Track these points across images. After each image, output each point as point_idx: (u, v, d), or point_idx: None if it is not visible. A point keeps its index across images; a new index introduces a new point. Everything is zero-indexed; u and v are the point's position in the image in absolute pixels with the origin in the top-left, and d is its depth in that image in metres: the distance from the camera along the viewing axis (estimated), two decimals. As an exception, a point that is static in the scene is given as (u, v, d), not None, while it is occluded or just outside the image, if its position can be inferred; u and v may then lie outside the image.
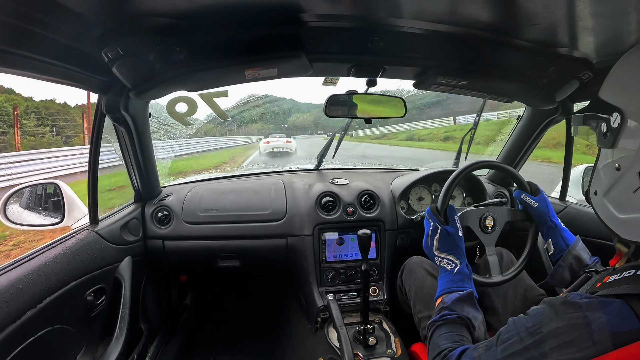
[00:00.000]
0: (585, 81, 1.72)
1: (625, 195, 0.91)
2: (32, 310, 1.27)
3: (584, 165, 2.91)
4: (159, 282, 2.56)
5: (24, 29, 1.06)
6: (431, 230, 1.59)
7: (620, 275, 0.89)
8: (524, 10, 1.25)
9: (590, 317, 0.81)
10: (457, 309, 1.32)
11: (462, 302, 1.35)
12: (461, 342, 1.22)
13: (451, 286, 1.42)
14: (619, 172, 0.93)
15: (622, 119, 0.92)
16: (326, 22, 1.41)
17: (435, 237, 1.56)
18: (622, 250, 1.05)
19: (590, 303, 0.83)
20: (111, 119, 1.78)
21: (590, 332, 0.80)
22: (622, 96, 0.96)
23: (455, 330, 1.28)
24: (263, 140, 21.48)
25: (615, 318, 0.79)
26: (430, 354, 1.28)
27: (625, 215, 0.92)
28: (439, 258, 1.53)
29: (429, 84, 1.81)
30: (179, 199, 2.39)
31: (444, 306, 1.36)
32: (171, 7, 1.21)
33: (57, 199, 1.96)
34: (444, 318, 1.31)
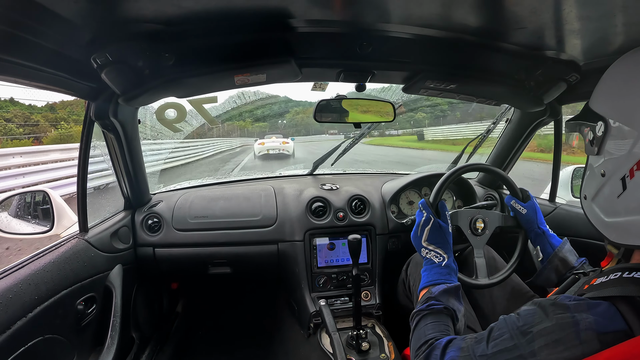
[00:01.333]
0: (573, 83, 1.74)
1: (611, 200, 0.94)
2: (22, 320, 1.25)
3: (573, 166, 2.93)
4: (150, 290, 2.55)
5: (11, 35, 1.06)
6: (423, 220, 1.58)
7: (607, 278, 0.90)
8: (511, 14, 1.26)
9: (578, 318, 0.82)
10: (443, 299, 1.33)
11: (448, 294, 1.36)
12: (447, 333, 1.24)
13: (439, 278, 1.43)
14: (604, 178, 0.96)
15: (606, 128, 0.95)
16: (315, 28, 1.41)
17: (427, 227, 1.56)
18: (612, 252, 1.07)
19: (578, 304, 0.84)
20: (100, 125, 1.76)
21: (577, 331, 0.81)
22: (606, 105, 0.99)
23: (441, 320, 1.28)
24: (258, 141, 20.55)
25: (601, 319, 0.81)
26: (414, 343, 1.28)
27: (612, 219, 0.95)
28: (426, 250, 1.53)
29: (417, 88, 1.81)
30: (169, 206, 2.38)
31: (430, 296, 1.36)
32: (160, 13, 1.21)
33: (46, 207, 1.95)
34: (430, 307, 1.32)
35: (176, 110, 1.85)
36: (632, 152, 0.87)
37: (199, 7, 1.19)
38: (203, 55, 1.46)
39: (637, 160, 0.85)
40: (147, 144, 1.80)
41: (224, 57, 1.46)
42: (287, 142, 19.65)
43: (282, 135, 21.16)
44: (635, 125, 0.88)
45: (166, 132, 2.77)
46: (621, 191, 0.90)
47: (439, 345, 1.13)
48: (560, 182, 2.47)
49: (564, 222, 2.25)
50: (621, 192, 0.90)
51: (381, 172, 3.25)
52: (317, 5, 1.26)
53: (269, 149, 19.38)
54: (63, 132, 22.11)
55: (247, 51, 1.46)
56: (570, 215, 2.26)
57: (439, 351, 1.11)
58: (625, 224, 0.91)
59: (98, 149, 1.94)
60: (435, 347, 1.14)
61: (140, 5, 1.15)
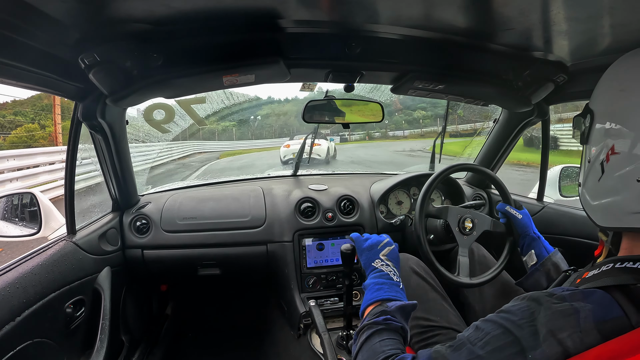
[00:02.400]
0: (560, 84, 1.76)
1: (594, 184, 1.00)
2: (10, 324, 1.24)
3: (561, 166, 2.95)
4: (139, 292, 2.53)
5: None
6: (387, 241, 1.52)
7: (599, 270, 0.91)
8: (499, 15, 1.27)
9: (577, 306, 0.82)
10: (399, 319, 1.21)
11: (404, 312, 1.23)
12: (402, 353, 1.07)
13: (394, 296, 1.30)
14: (590, 164, 1.03)
15: (591, 118, 1.03)
16: (304, 28, 1.41)
17: (389, 247, 1.49)
18: (603, 239, 1.11)
19: (574, 294, 0.84)
20: (88, 126, 1.75)
21: (578, 319, 0.80)
22: (593, 98, 1.06)
23: (397, 338, 1.15)
24: (285, 143, 17.43)
25: (598, 307, 0.81)
26: (365, 356, 1.13)
27: (596, 202, 1.02)
28: (382, 262, 1.43)
29: (406, 88, 1.82)
30: (157, 208, 2.37)
31: (386, 310, 1.22)
32: (148, 13, 1.20)
33: (34, 209, 1.93)
34: (388, 322, 1.17)
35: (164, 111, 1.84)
36: (609, 138, 0.94)
37: (188, 7, 1.19)
38: (191, 56, 1.45)
39: (611, 146, 0.92)
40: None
41: (213, 57, 1.46)
42: (318, 144, 15.59)
43: (315, 135, 18.33)
44: (608, 114, 0.98)
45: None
46: (600, 175, 0.96)
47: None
48: (548, 182, 2.48)
49: (551, 221, 2.27)
50: (601, 176, 0.96)
51: (370, 173, 3.26)
52: (305, 6, 1.26)
53: (295, 153, 16.25)
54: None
55: (235, 51, 1.45)
56: (558, 214, 2.28)
57: None
58: (605, 205, 0.97)
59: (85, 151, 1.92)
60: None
61: (128, 5, 1.14)
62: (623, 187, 0.90)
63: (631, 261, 0.86)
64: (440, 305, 1.75)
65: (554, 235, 2.21)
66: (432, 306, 1.73)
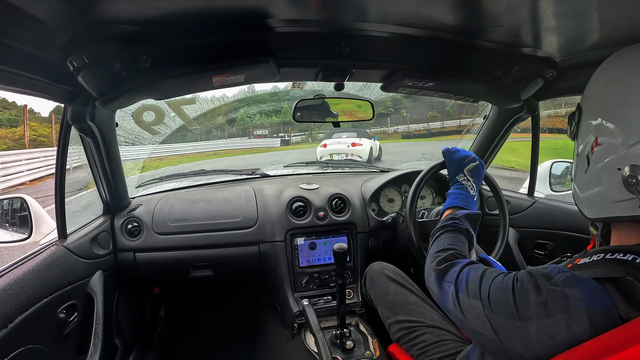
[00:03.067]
0: (550, 79, 1.77)
1: (581, 176, 1.03)
2: (2, 331, 1.22)
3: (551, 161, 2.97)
4: (131, 295, 2.52)
5: None
6: (473, 156, 1.69)
7: (590, 259, 0.93)
8: (488, 12, 1.27)
9: (568, 292, 0.83)
10: (466, 223, 1.44)
11: (470, 220, 1.47)
12: (464, 250, 1.33)
13: (467, 204, 1.56)
14: (578, 158, 1.06)
15: (579, 114, 1.06)
16: (292, 28, 1.41)
17: (474, 163, 1.68)
18: (593, 233, 1.13)
19: (567, 278, 0.86)
20: (77, 129, 1.74)
21: (567, 305, 0.82)
22: (583, 96, 1.08)
23: (461, 240, 1.38)
24: (323, 142, 15.56)
25: (590, 295, 0.82)
26: (433, 248, 1.37)
27: (584, 193, 1.04)
28: (465, 177, 1.64)
29: (396, 86, 1.82)
30: (148, 210, 2.36)
31: (455, 217, 1.47)
32: (136, 15, 1.20)
33: (24, 213, 1.91)
34: (455, 225, 1.43)
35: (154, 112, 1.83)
36: (592, 131, 0.98)
37: (176, 7, 1.19)
38: (180, 57, 1.45)
39: (594, 138, 0.96)
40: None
41: (202, 58, 1.46)
42: (358, 144, 14.95)
43: (357, 133, 15.84)
44: (592, 109, 1.01)
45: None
46: (587, 167, 0.99)
47: (459, 263, 1.19)
48: (539, 177, 2.50)
49: (542, 215, 2.28)
50: (587, 168, 0.99)
51: (360, 171, 3.27)
52: (294, 5, 1.26)
53: (332, 154, 14.52)
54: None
55: (224, 52, 1.45)
56: (548, 209, 2.30)
57: (458, 267, 1.16)
58: (592, 196, 1.00)
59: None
60: (456, 264, 1.19)
61: (116, 7, 1.14)
62: (606, 177, 0.92)
63: (621, 252, 0.87)
64: (422, 307, 1.78)
65: (545, 229, 2.22)
66: (414, 309, 1.77)
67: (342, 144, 14.71)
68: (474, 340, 1.12)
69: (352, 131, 15.98)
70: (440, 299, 1.20)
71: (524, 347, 0.87)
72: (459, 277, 1.12)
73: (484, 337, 0.99)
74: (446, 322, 1.71)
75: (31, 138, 20.29)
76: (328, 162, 8.41)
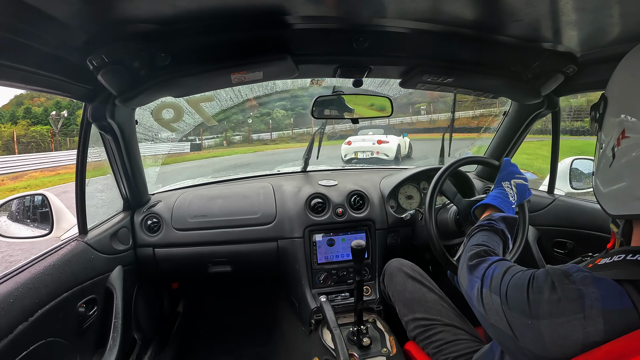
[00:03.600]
0: (570, 75, 1.74)
1: (605, 170, 0.99)
2: (23, 324, 1.25)
3: (571, 158, 2.92)
4: (150, 290, 2.54)
5: (6, 39, 1.05)
6: (525, 177, 1.73)
7: (610, 259, 0.91)
8: (507, 6, 1.25)
9: (584, 291, 0.82)
10: (501, 225, 1.46)
11: (506, 222, 1.49)
12: (497, 249, 1.36)
13: (502, 207, 1.58)
14: (602, 151, 1.02)
15: (605, 104, 1.02)
16: (311, 24, 1.41)
17: (524, 182, 1.71)
18: (614, 231, 1.09)
19: (585, 277, 0.84)
20: (97, 127, 1.76)
21: (582, 305, 0.80)
22: (608, 86, 1.04)
23: (495, 240, 1.40)
24: (347, 139, 14.81)
25: (608, 295, 0.80)
26: (469, 244, 1.40)
27: (607, 189, 1.00)
28: (510, 186, 1.67)
29: (415, 82, 1.81)
30: (167, 206, 2.38)
31: (491, 218, 1.50)
32: (155, 13, 1.21)
33: (45, 210, 1.94)
34: (491, 225, 1.46)
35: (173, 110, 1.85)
36: (619, 123, 0.93)
37: (194, 5, 1.19)
38: (199, 54, 1.45)
39: (622, 130, 0.91)
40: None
41: (220, 55, 1.46)
42: (385, 142, 14.22)
43: (383, 130, 14.98)
44: (619, 99, 0.97)
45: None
46: (612, 160, 0.95)
47: (489, 259, 1.21)
48: (559, 174, 2.47)
49: (562, 213, 2.26)
50: (612, 162, 0.95)
51: (379, 167, 3.26)
52: (312, 2, 1.26)
53: (357, 152, 14.12)
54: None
55: (243, 49, 1.45)
56: (568, 207, 2.27)
57: (487, 264, 1.18)
58: (615, 191, 0.96)
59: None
60: (486, 260, 1.21)
61: (134, 6, 1.15)
62: (632, 171, 0.89)
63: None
64: (440, 305, 1.77)
65: (565, 228, 2.20)
66: (431, 307, 1.76)
67: (367, 142, 14.26)
68: (493, 336, 1.10)
69: (379, 127, 15.27)
70: (468, 293, 1.21)
71: (536, 346, 0.87)
72: (485, 273, 1.13)
73: (502, 333, 0.99)
74: (462, 321, 1.70)
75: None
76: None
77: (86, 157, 1.73)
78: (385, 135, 14.40)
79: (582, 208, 2.17)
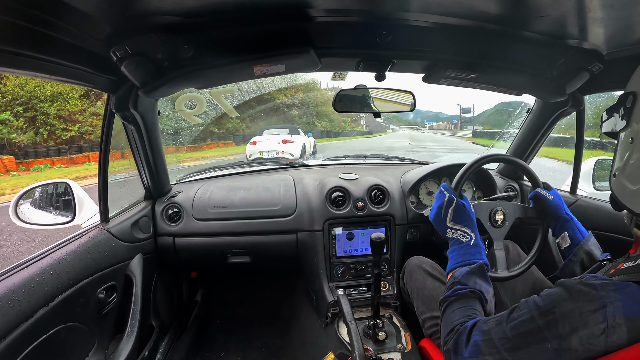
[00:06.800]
0: (596, 73, 1.70)
1: (638, 164, 0.96)
2: (44, 309, 1.28)
3: (595, 158, 2.88)
4: (169, 279, 2.58)
5: (32, 31, 1.07)
6: (446, 201, 1.56)
7: (634, 263, 0.89)
8: (533, 2, 1.23)
9: (606, 299, 0.80)
10: (469, 282, 1.32)
11: (473, 275, 1.35)
12: (474, 316, 1.22)
13: (464, 259, 1.42)
14: (632, 145, 0.98)
15: (634, 99, 0.99)
16: (334, 17, 1.40)
17: (451, 208, 1.54)
18: (638, 236, 1.07)
19: (606, 284, 0.82)
20: (120, 117, 1.79)
21: (604, 314, 0.79)
22: (634, 81, 1.04)
23: (467, 304, 1.27)
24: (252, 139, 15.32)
25: (630, 302, 0.78)
26: (443, 330, 1.27)
27: (638, 185, 0.96)
28: (452, 230, 1.51)
29: (437, 77, 1.80)
30: (188, 196, 2.41)
31: (455, 281, 1.36)
32: (178, 5, 1.21)
33: (68, 197, 1.98)
34: (456, 293, 1.31)
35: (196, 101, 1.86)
36: None
37: None
38: (222, 46, 1.46)
39: None
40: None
41: (243, 47, 1.47)
42: (290, 141, 14.87)
43: (289, 129, 15.84)
44: None
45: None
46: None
47: (464, 330, 1.12)
48: (582, 175, 2.43)
49: (585, 214, 2.22)
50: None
51: (401, 162, 3.24)
52: None
53: (262, 152, 14.41)
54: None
55: (265, 41, 1.46)
56: (591, 208, 2.23)
57: (464, 336, 1.11)
58: None
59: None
60: (462, 333, 1.13)
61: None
62: None
63: None
64: None
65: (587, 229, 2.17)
66: None
67: (272, 142, 14.67)
68: None
69: (284, 127, 15.98)
70: None
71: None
72: (469, 343, 1.08)
73: None
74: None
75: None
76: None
77: (109, 146, 1.75)
78: (290, 135, 15.00)
79: (605, 210, 2.13)
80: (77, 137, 21.24)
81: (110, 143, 1.75)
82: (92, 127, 21.35)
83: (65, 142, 20.83)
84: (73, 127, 21.06)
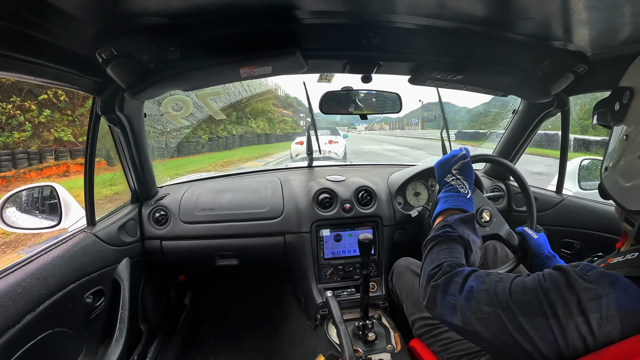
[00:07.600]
0: (581, 74, 1.72)
1: (631, 162, 0.95)
2: (31, 314, 1.26)
3: (580, 158, 2.91)
4: (157, 282, 2.56)
5: (16, 31, 1.06)
6: (461, 155, 1.54)
7: (623, 258, 0.89)
8: (518, 4, 1.25)
9: (601, 291, 0.80)
10: (458, 229, 1.33)
11: (464, 223, 1.35)
12: (460, 260, 1.23)
13: (458, 205, 1.42)
14: (627, 141, 0.98)
15: (631, 95, 0.98)
16: (320, 19, 1.41)
17: (463, 161, 1.53)
18: (627, 231, 1.06)
19: (601, 277, 0.83)
20: (106, 119, 1.77)
21: (599, 305, 0.79)
22: (630, 77, 1.02)
23: (454, 248, 1.28)
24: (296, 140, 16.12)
25: (624, 295, 0.79)
26: (426, 265, 1.27)
27: (630, 182, 0.96)
28: (453, 177, 1.51)
29: (424, 79, 1.81)
30: (175, 199, 2.39)
31: (446, 224, 1.35)
32: (164, 7, 1.21)
33: (54, 201, 1.96)
34: (446, 234, 1.32)
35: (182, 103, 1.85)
36: None
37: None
38: (208, 48, 1.46)
39: None
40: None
41: (229, 49, 1.46)
42: (335, 142, 15.28)
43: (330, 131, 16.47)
44: None
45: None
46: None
47: (460, 272, 1.11)
48: (568, 174, 2.45)
49: (570, 213, 2.25)
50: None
51: (387, 163, 3.25)
52: None
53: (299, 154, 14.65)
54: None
55: (252, 43, 1.46)
56: (577, 207, 2.26)
57: (460, 278, 1.10)
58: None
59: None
60: (456, 274, 1.12)
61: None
62: None
63: None
64: None
65: (573, 228, 2.19)
66: None
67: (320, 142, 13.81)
68: (488, 350, 1.07)
69: (327, 128, 16.49)
70: (442, 315, 1.12)
71: (550, 347, 0.84)
72: (464, 287, 1.07)
73: (502, 344, 0.95)
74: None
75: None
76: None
77: (95, 149, 1.73)
78: (334, 136, 15.55)
79: (591, 208, 2.16)
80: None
81: (96, 146, 1.73)
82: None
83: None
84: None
